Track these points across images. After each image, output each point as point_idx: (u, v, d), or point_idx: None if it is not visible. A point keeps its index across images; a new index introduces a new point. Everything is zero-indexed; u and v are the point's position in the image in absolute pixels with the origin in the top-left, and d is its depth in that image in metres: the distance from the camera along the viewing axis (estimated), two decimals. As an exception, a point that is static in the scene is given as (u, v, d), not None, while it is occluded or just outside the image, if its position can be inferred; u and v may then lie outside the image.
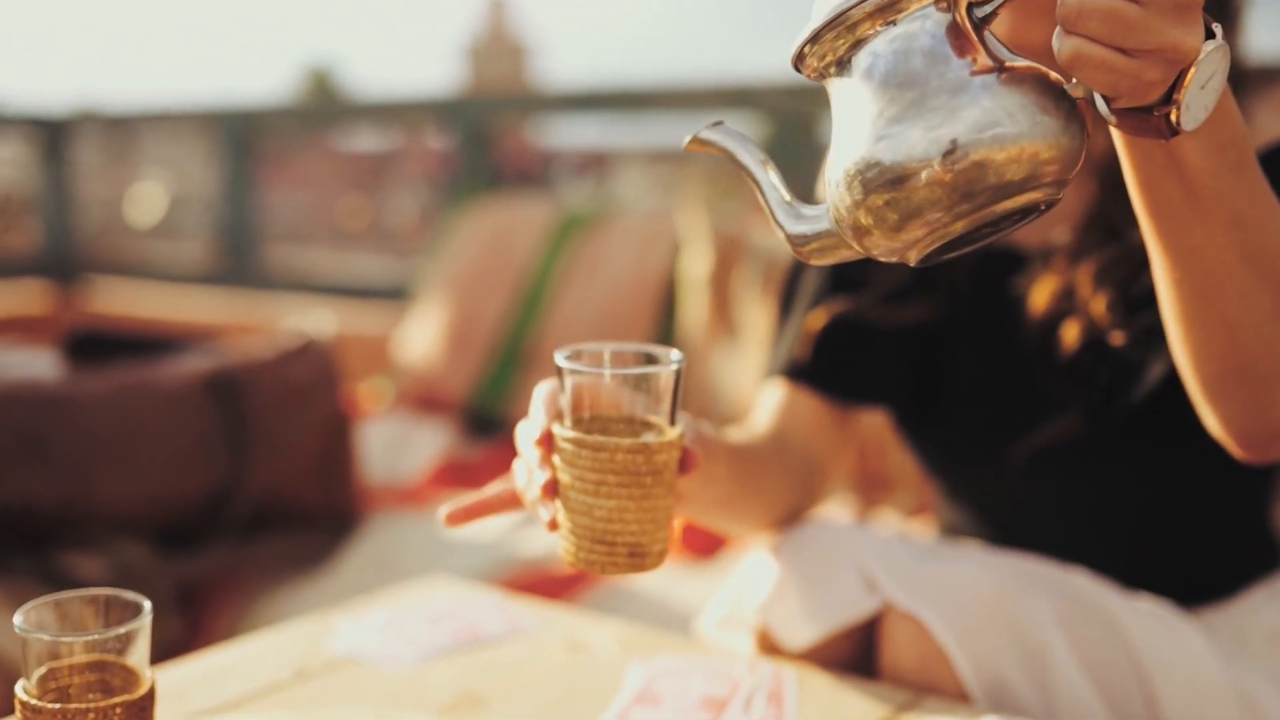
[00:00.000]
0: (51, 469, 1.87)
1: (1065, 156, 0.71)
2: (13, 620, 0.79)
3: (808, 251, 0.79)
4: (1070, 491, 1.21)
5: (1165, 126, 0.73)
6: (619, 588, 1.77)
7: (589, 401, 0.90)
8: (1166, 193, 0.80)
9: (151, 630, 1.90)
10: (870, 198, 0.72)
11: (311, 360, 2.09)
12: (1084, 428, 1.16)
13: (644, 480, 0.88)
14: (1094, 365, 1.14)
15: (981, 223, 0.72)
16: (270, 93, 41.94)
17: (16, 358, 2.08)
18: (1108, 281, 1.12)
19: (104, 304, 4.18)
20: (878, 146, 0.71)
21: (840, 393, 1.25)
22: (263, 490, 1.97)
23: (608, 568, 0.89)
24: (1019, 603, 1.02)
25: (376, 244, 5.11)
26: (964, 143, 0.69)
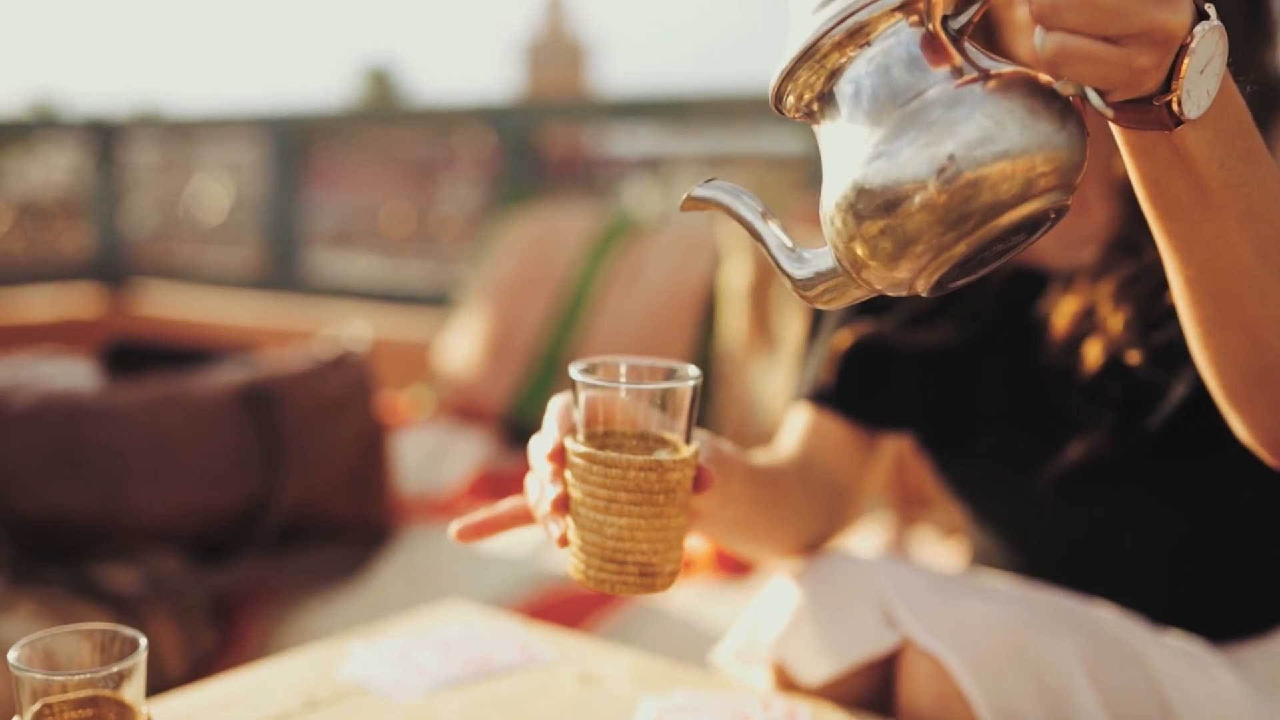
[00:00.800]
0: (86, 480, 1.88)
1: (1064, 160, 0.68)
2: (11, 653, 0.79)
3: (815, 296, 0.77)
4: (1098, 518, 1.18)
5: (1167, 116, 0.70)
6: (649, 606, 1.76)
7: (603, 416, 0.88)
8: (1174, 188, 0.76)
9: (185, 641, 1.90)
10: (864, 226, 0.69)
11: (347, 372, 2.09)
12: (1109, 450, 1.13)
13: (656, 499, 0.85)
14: (1116, 386, 1.11)
15: (986, 240, 0.69)
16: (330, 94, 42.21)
17: (54, 368, 2.10)
18: (1126, 299, 1.10)
19: (152, 308, 4.22)
20: (865, 172, 0.68)
21: (865, 417, 1.23)
22: (296, 503, 1.97)
23: (617, 587, 0.87)
24: (1040, 641, 1.00)
25: (422, 250, 5.12)
26: (956, 158, 0.66)
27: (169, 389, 1.97)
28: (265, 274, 4.10)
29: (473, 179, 4.17)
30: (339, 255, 4.85)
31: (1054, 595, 1.11)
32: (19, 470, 1.86)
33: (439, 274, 4.06)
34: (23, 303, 4.19)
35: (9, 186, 5.48)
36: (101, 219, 4.53)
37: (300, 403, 2.01)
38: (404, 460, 2.39)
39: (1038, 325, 1.16)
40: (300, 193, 4.08)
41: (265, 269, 4.11)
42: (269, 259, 4.10)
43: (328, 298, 3.88)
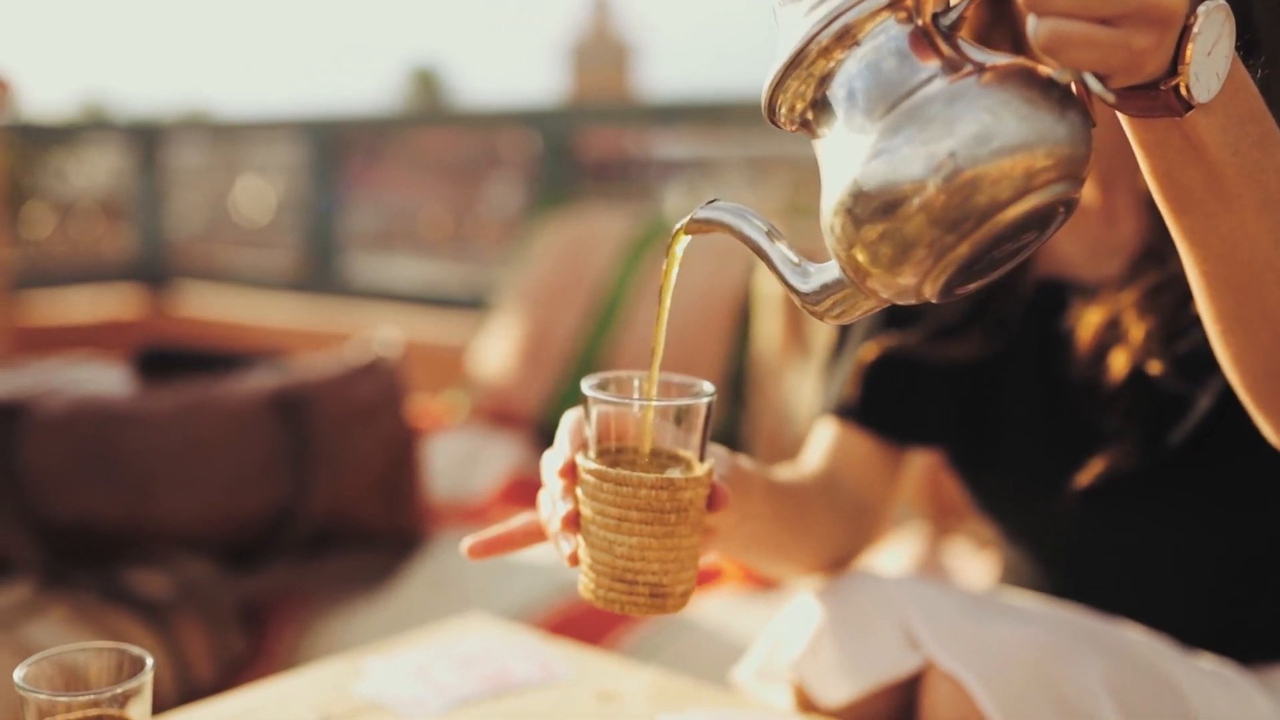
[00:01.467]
0: (117, 485, 1.88)
1: (1066, 151, 0.66)
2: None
3: (824, 310, 0.75)
4: (1127, 534, 1.16)
5: (1176, 101, 0.67)
6: (678, 617, 1.74)
7: (615, 432, 0.86)
8: (1187, 179, 0.73)
9: (215, 647, 1.90)
10: (863, 231, 0.67)
11: (378, 378, 2.09)
12: (1135, 464, 1.10)
13: (668, 518, 0.83)
14: (1142, 398, 1.09)
15: (990, 239, 0.67)
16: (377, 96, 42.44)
17: (87, 372, 2.10)
18: (1150, 309, 1.07)
19: (192, 310, 4.24)
20: (862, 173, 0.66)
21: (891, 432, 1.21)
22: (325, 509, 1.97)
23: (628, 607, 0.85)
24: (1065, 664, 0.98)
25: (461, 252, 5.12)
26: (953, 155, 0.64)
27: (200, 395, 1.97)
28: (304, 276, 4.12)
29: (511, 181, 4.17)
30: (377, 258, 4.86)
31: (1081, 616, 1.09)
32: (50, 475, 1.86)
33: (477, 277, 4.06)
34: (65, 304, 4.22)
35: (53, 188, 5.54)
36: (144, 220, 4.56)
37: (330, 409, 2.01)
38: (436, 465, 2.38)
39: (1065, 338, 1.14)
40: (338, 195, 4.09)
41: (304, 271, 4.13)
42: (308, 261, 4.11)
43: (366, 300, 3.89)
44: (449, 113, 4.76)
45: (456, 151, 5.72)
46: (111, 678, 0.81)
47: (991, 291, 1.18)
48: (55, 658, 0.80)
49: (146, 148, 4.55)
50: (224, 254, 4.86)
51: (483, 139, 4.98)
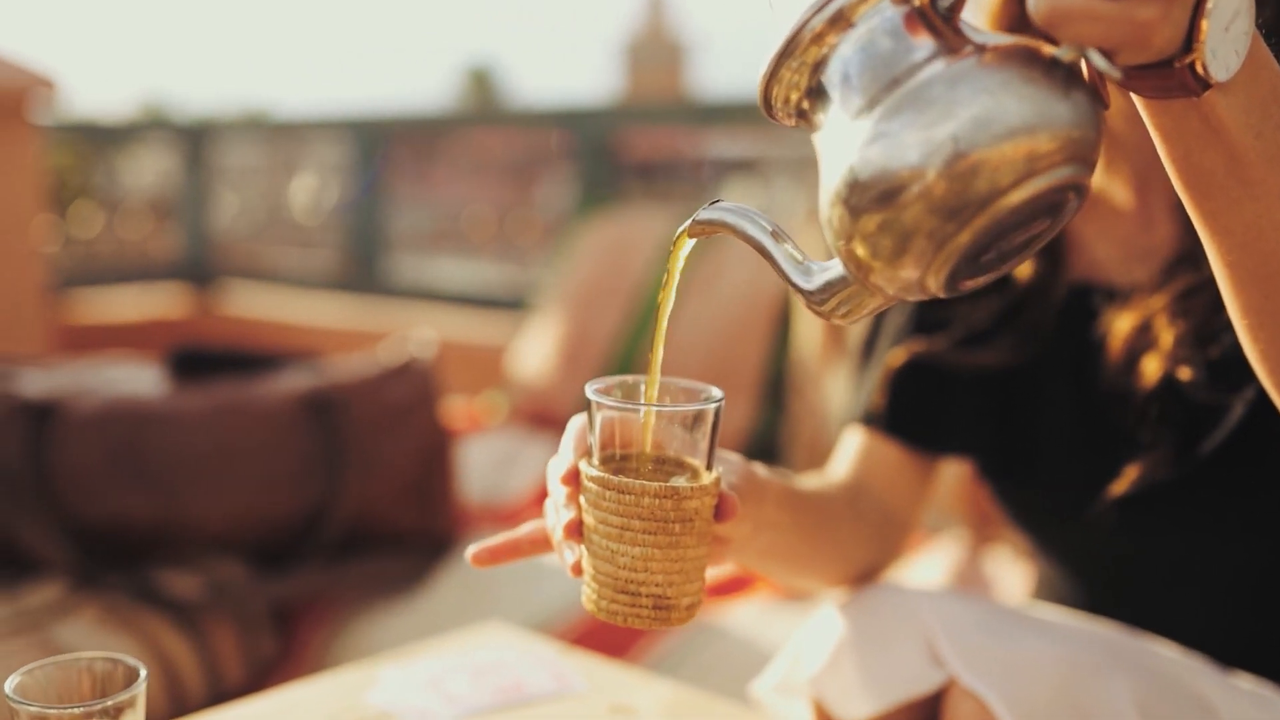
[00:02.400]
0: (149, 486, 1.88)
1: (1070, 132, 0.62)
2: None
3: (830, 310, 0.72)
4: (1162, 548, 1.12)
5: (1192, 80, 0.63)
6: (706, 626, 1.71)
7: (619, 438, 0.83)
8: (1208, 164, 0.69)
9: (245, 648, 1.89)
10: (861, 222, 0.64)
11: (412, 380, 2.08)
12: (1168, 473, 1.07)
13: (672, 528, 0.80)
14: (1175, 405, 1.05)
15: (993, 227, 0.63)
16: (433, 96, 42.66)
17: (121, 373, 2.10)
18: (1182, 313, 1.04)
19: (236, 309, 4.26)
20: (860, 158, 0.63)
21: (920, 442, 1.18)
22: (356, 511, 1.96)
23: (631, 619, 0.82)
24: (1092, 683, 0.95)
25: (506, 253, 5.11)
26: (950, 140, 0.61)
27: (232, 396, 1.97)
28: (348, 276, 4.13)
29: (557, 182, 4.16)
30: (423, 258, 4.87)
31: (1112, 632, 1.05)
32: (83, 475, 1.87)
33: (521, 277, 4.05)
34: (112, 302, 4.26)
35: (102, 186, 5.58)
36: (191, 220, 4.59)
37: (363, 410, 2.00)
38: (471, 467, 2.37)
39: (1098, 344, 1.11)
40: (383, 195, 4.09)
41: (348, 271, 4.13)
42: (352, 261, 4.12)
43: (410, 300, 3.89)
44: (489, 112, 4.76)
45: (506, 152, 5.72)
46: (105, 689, 0.79)
47: (1022, 297, 1.15)
48: (48, 668, 0.79)
49: (194, 147, 4.58)
50: (271, 253, 4.89)
51: (532, 139, 4.97)
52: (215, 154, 4.72)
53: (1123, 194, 1.12)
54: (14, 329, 3.18)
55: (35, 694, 0.78)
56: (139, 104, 29.53)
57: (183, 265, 4.54)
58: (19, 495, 1.83)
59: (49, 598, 1.80)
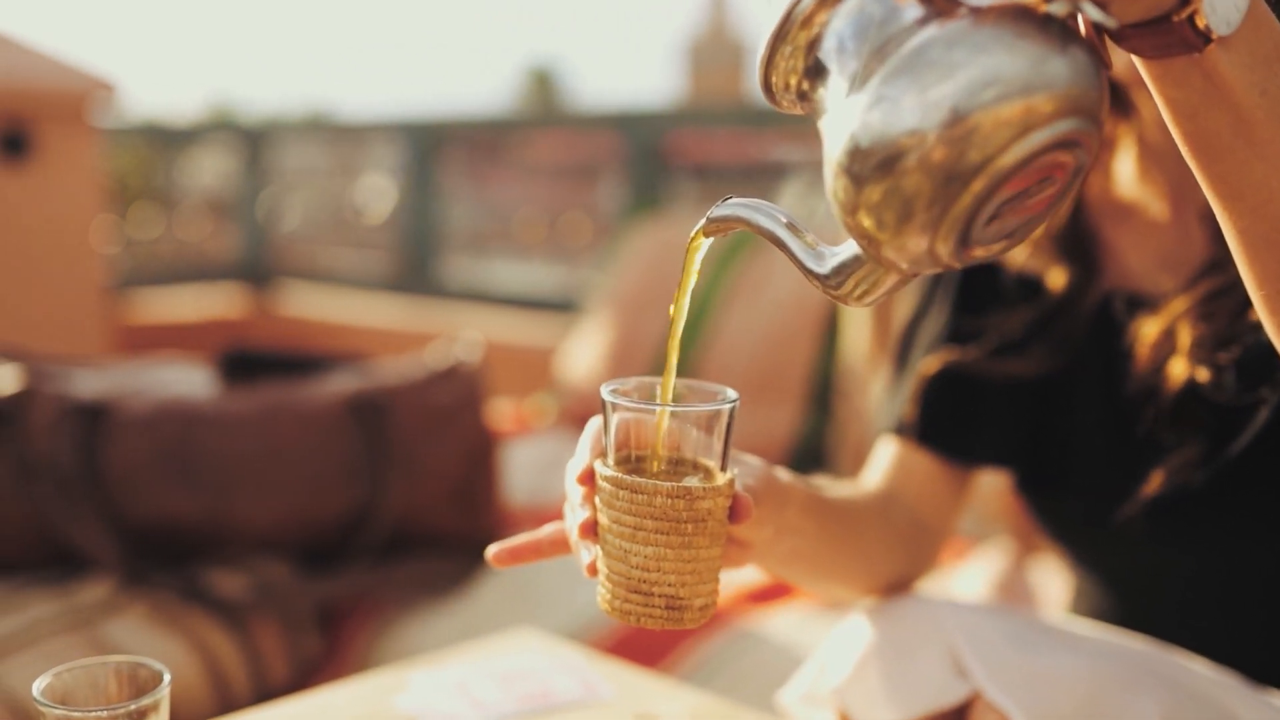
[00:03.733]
0: (197, 486, 1.91)
1: (1068, 86, 0.61)
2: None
3: (847, 293, 0.71)
4: (1196, 556, 1.11)
5: (1192, 34, 0.62)
6: (745, 631, 1.72)
7: (634, 439, 0.83)
8: (1213, 123, 0.67)
9: (290, 648, 1.91)
10: (864, 192, 0.63)
11: (458, 382, 2.09)
12: (1198, 479, 1.05)
13: (684, 528, 0.80)
14: (1202, 411, 1.04)
15: (995, 184, 0.62)
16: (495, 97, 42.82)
17: (173, 373, 2.13)
18: (1205, 315, 1.02)
19: (292, 309, 4.30)
20: (861, 124, 0.63)
21: (953, 452, 1.18)
22: (401, 513, 1.98)
23: (643, 619, 0.82)
24: (1119, 699, 0.94)
25: (560, 255, 5.13)
26: (949, 100, 0.60)
27: (280, 398, 1.99)
28: (402, 277, 4.16)
29: (609, 184, 4.17)
30: (477, 259, 4.90)
31: (1143, 646, 1.05)
32: (133, 475, 1.90)
33: (572, 279, 4.07)
34: (171, 302, 4.31)
35: (162, 187, 5.66)
36: (249, 221, 4.64)
37: (409, 413, 2.02)
38: (518, 469, 2.38)
39: (1129, 353, 1.10)
40: (436, 197, 4.12)
41: (402, 272, 4.17)
42: (406, 262, 4.15)
43: (462, 302, 3.91)
44: (542, 115, 4.78)
45: (562, 154, 5.74)
46: (130, 692, 0.81)
47: (1056, 306, 1.15)
48: (76, 670, 0.81)
49: (254, 149, 4.64)
50: (328, 254, 4.94)
51: (588, 142, 4.99)
52: (274, 155, 4.77)
53: (1158, 205, 1.11)
54: (74, 329, 3.23)
55: (62, 696, 0.80)
56: (206, 106, 29.88)
57: (241, 266, 4.59)
58: (71, 494, 1.87)
59: (99, 595, 1.83)
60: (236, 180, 4.73)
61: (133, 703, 0.78)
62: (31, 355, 2.09)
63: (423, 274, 4.09)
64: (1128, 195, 1.14)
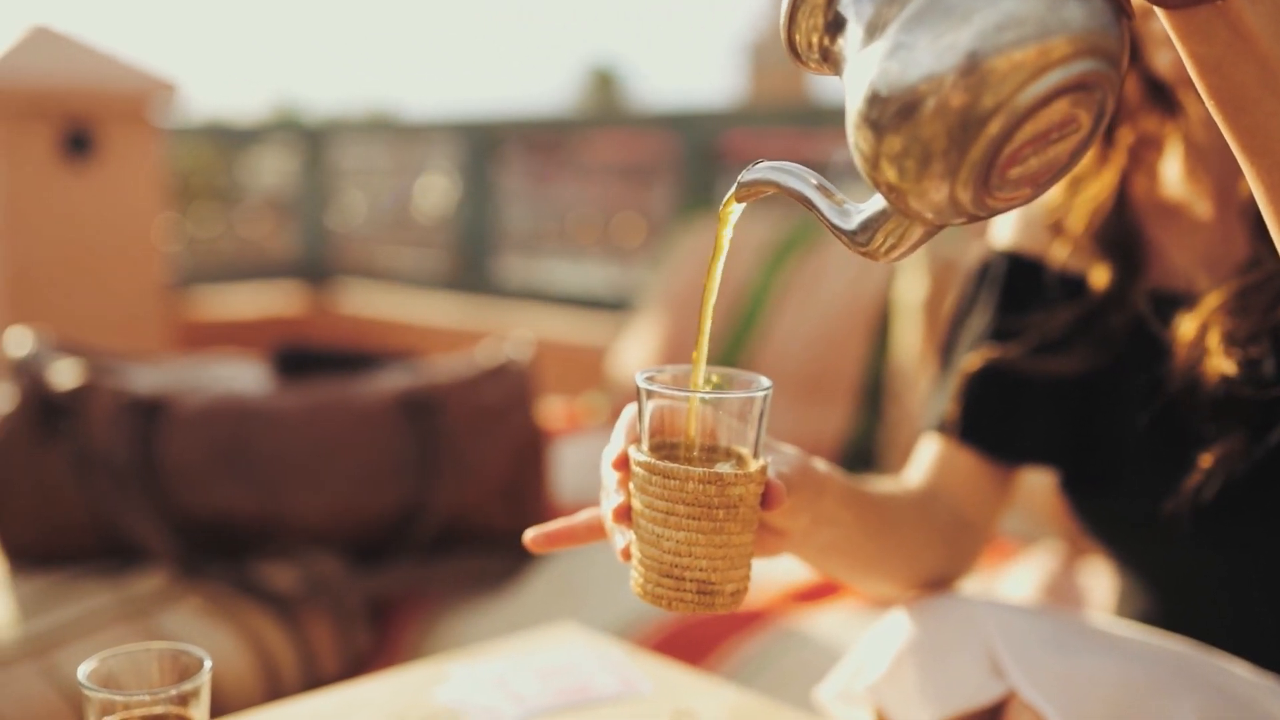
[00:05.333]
0: (250, 481, 1.94)
1: (1084, 28, 0.61)
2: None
3: (875, 249, 0.71)
4: (1242, 560, 1.10)
5: None
6: (791, 630, 1.72)
7: (667, 426, 0.84)
8: (1240, 75, 0.67)
9: (341, 641, 1.94)
10: (885, 142, 0.63)
11: (508, 380, 2.11)
12: (1239, 476, 1.05)
13: (716, 514, 0.81)
14: (1240, 405, 1.03)
15: (1011, 126, 0.62)
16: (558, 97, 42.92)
17: (228, 370, 2.16)
18: (1239, 310, 1.02)
19: (349, 307, 4.34)
20: (876, 77, 0.63)
21: (995, 449, 1.17)
22: (449, 510, 1.99)
23: (675, 604, 0.83)
24: (1155, 702, 0.93)
25: (616, 254, 5.15)
26: (965, 44, 0.60)
27: (332, 394, 2.02)
28: (458, 276, 4.19)
29: (664, 184, 4.18)
30: (531, 258, 4.92)
31: (1183, 648, 1.04)
32: (188, 470, 1.93)
33: (626, 279, 4.08)
34: (231, 300, 4.37)
35: (223, 186, 5.73)
36: (308, 220, 4.69)
37: (458, 411, 2.03)
38: (568, 467, 2.40)
39: (1170, 351, 1.09)
40: (492, 196, 4.14)
41: (459, 271, 4.20)
42: (461, 261, 4.18)
43: (517, 300, 3.94)
44: (599, 115, 4.79)
45: (620, 154, 5.75)
46: (173, 677, 0.82)
47: (1099, 304, 1.14)
48: (120, 657, 0.83)
49: (314, 148, 4.68)
50: (386, 253, 4.98)
51: (647, 141, 5.00)
52: (334, 155, 4.81)
53: (1202, 205, 1.11)
54: (134, 325, 3.28)
55: (106, 680, 0.82)
56: (271, 107, 30.19)
57: (300, 264, 4.64)
58: (127, 487, 1.90)
59: (154, 586, 1.86)
60: (297, 179, 4.78)
61: (174, 688, 0.79)
62: (91, 350, 2.13)
63: (478, 273, 4.12)
64: (1173, 195, 1.13)
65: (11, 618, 1.77)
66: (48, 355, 2.02)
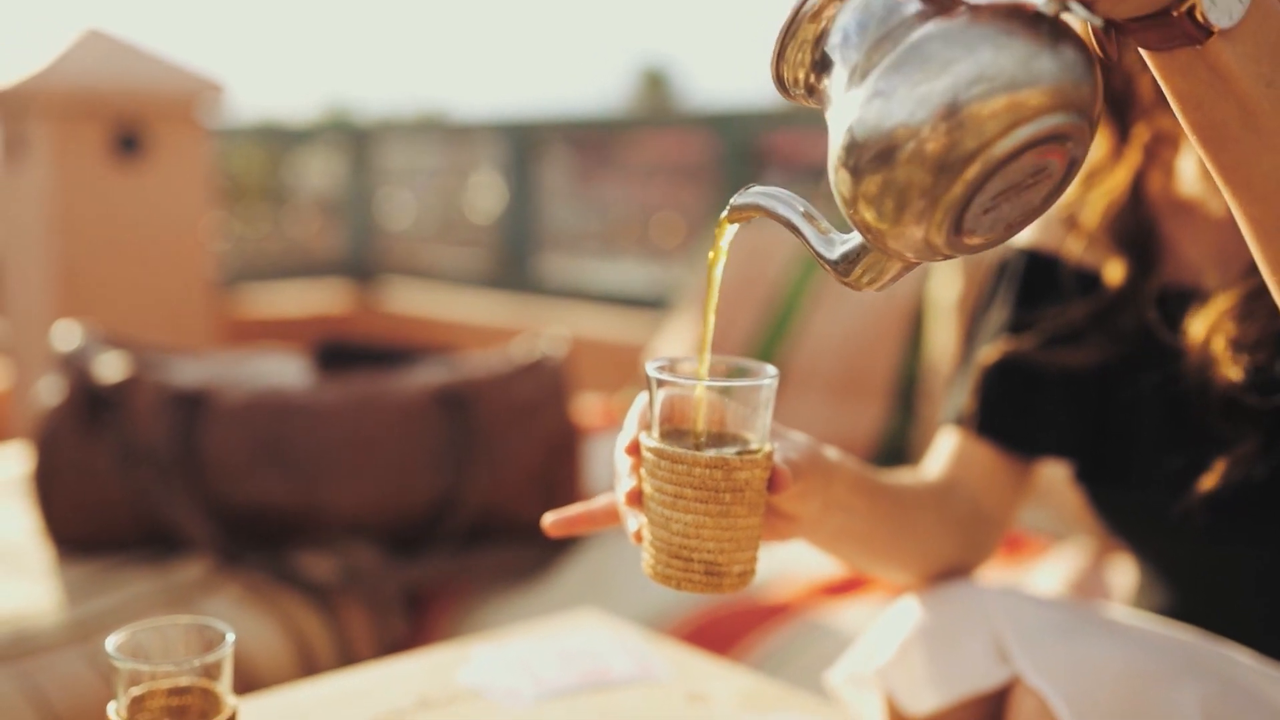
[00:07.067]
0: (290, 473, 1.98)
1: (1057, 82, 0.63)
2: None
3: (856, 279, 0.74)
4: (1258, 554, 1.11)
5: (1192, 28, 0.63)
6: (816, 624, 1.74)
7: (677, 413, 0.87)
8: (1219, 114, 0.68)
9: (377, 630, 1.97)
10: (863, 185, 0.66)
11: (542, 376, 2.14)
12: (1255, 475, 1.06)
13: (722, 497, 0.84)
14: (1257, 406, 1.04)
15: (984, 176, 0.64)
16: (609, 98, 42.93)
17: (269, 364, 2.21)
18: (1248, 314, 1.03)
19: (394, 305, 4.39)
20: (855, 122, 0.66)
21: (1012, 443, 1.19)
22: (484, 502, 2.03)
23: (683, 584, 0.86)
24: (1159, 689, 0.95)
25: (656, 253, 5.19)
26: (942, 94, 0.63)
27: (370, 389, 2.05)
28: (501, 274, 4.23)
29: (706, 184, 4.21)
30: (573, 257, 4.96)
31: (1191, 638, 1.05)
32: (229, 461, 1.97)
33: (666, 277, 4.11)
34: (277, 298, 4.43)
35: (273, 187, 5.80)
36: (355, 219, 4.75)
37: (493, 405, 2.07)
38: (602, 462, 2.42)
39: (1184, 346, 1.10)
40: (536, 195, 4.18)
41: (502, 269, 4.24)
42: (505, 259, 4.22)
43: (559, 298, 3.97)
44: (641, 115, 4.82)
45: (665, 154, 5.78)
46: (197, 650, 0.86)
47: (1114, 298, 1.15)
48: (148, 630, 0.86)
49: (360, 148, 4.74)
50: (431, 251, 5.03)
51: (692, 141, 5.03)
52: (381, 155, 4.87)
53: (1217, 201, 1.12)
54: (181, 322, 3.34)
55: (134, 653, 0.85)
56: (323, 108, 30.44)
57: (346, 263, 4.70)
58: (169, 478, 1.94)
59: (195, 575, 1.90)
60: (344, 179, 4.84)
61: (197, 659, 0.83)
62: (136, 344, 2.18)
63: (520, 271, 4.16)
64: (1188, 192, 1.14)
65: (57, 603, 1.81)
66: (94, 349, 2.07)
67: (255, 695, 1.09)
